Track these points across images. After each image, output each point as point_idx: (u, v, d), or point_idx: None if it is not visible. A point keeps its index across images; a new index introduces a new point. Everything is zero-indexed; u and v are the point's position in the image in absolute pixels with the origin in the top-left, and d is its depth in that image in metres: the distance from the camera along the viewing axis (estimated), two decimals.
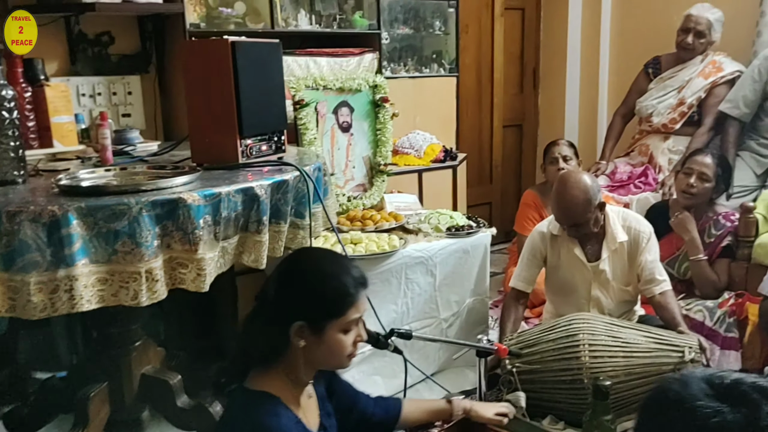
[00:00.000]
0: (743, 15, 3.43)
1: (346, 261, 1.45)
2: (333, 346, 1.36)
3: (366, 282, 1.39)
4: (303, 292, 1.34)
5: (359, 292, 1.37)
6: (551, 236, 2.42)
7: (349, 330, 1.37)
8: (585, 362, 2.06)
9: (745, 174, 3.14)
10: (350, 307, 1.35)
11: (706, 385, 0.80)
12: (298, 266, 1.40)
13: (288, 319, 1.33)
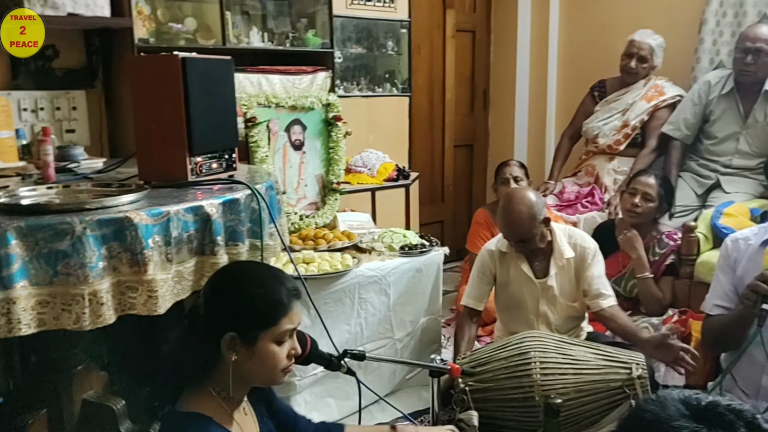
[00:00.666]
0: (683, 42, 3.58)
1: (279, 272, 1.43)
2: (266, 358, 1.33)
3: (299, 293, 1.38)
4: (234, 301, 1.32)
5: (292, 302, 1.35)
6: (500, 253, 2.46)
7: (283, 341, 1.35)
8: (536, 380, 2.08)
9: (686, 194, 3.25)
10: (283, 316, 1.33)
11: (682, 406, 0.81)
12: (229, 277, 1.38)
13: (219, 332, 1.30)
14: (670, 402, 0.82)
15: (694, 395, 0.83)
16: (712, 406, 0.80)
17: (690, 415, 0.80)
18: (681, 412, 0.80)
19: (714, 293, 2.02)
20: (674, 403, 0.81)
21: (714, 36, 3.49)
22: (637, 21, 3.69)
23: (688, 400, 0.82)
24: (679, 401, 0.82)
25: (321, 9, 3.13)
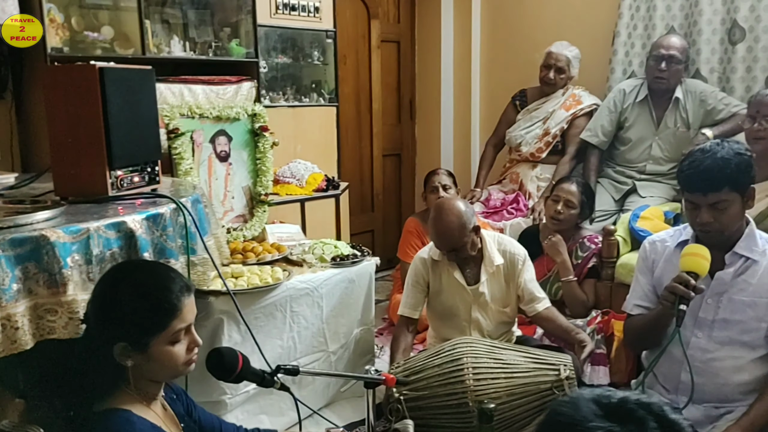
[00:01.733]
0: (598, 53, 3.73)
1: (165, 271, 1.39)
2: (163, 360, 1.32)
3: (191, 288, 1.36)
4: (118, 312, 1.28)
5: (182, 300, 1.33)
6: (432, 262, 2.48)
7: (178, 340, 1.33)
8: (469, 386, 2.10)
9: (605, 199, 3.38)
10: (173, 318, 1.31)
11: (595, 406, 0.82)
12: (112, 284, 1.33)
13: (109, 342, 1.29)
14: (583, 403, 0.82)
15: (605, 393, 0.84)
16: (622, 403, 0.82)
17: (603, 414, 0.80)
18: (594, 412, 0.81)
19: (634, 294, 2.10)
20: (587, 404, 0.82)
21: (626, 47, 3.66)
22: (554, 33, 3.83)
23: (600, 399, 0.83)
24: (591, 401, 0.82)
25: (244, 18, 3.08)
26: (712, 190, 1.82)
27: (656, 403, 0.81)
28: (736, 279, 1.89)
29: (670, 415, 0.80)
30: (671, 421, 0.79)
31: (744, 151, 1.86)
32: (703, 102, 3.24)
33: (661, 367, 1.99)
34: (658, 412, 0.80)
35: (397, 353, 2.43)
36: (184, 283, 1.36)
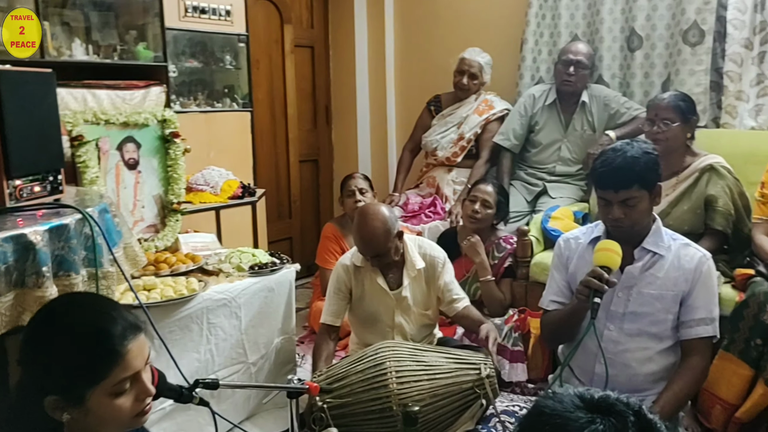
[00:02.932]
0: (508, 59, 3.85)
1: (108, 308, 1.19)
2: (105, 414, 1.13)
3: (139, 328, 1.18)
4: (47, 358, 1.11)
5: (126, 344, 1.14)
6: (354, 268, 2.47)
7: (122, 391, 1.14)
8: (393, 389, 2.10)
9: (518, 201, 3.48)
10: (114, 366, 1.12)
11: (578, 400, 0.87)
12: (44, 324, 1.15)
13: (39, 394, 1.11)
14: (567, 397, 0.88)
15: (588, 390, 0.90)
16: (604, 398, 0.87)
17: (585, 406, 0.86)
18: (577, 405, 0.86)
19: (550, 290, 2.16)
20: (570, 398, 0.88)
21: (534, 54, 3.79)
22: (466, 40, 3.91)
23: (583, 395, 0.88)
24: (574, 396, 0.88)
25: (152, 21, 2.96)
26: (623, 187, 1.90)
27: (634, 402, 0.87)
28: (644, 273, 1.99)
29: (647, 413, 0.86)
30: (648, 419, 0.85)
31: (651, 151, 1.96)
32: (606, 106, 3.41)
33: (576, 360, 2.06)
34: (636, 409, 0.86)
35: (319, 361, 2.40)
36: (130, 322, 1.17)
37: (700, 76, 3.26)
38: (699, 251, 2.00)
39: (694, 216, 2.70)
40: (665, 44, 3.41)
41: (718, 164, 2.71)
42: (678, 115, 2.72)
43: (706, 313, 1.96)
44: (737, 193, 2.67)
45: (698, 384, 2.03)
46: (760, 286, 2.35)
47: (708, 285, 1.98)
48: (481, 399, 2.17)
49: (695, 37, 3.26)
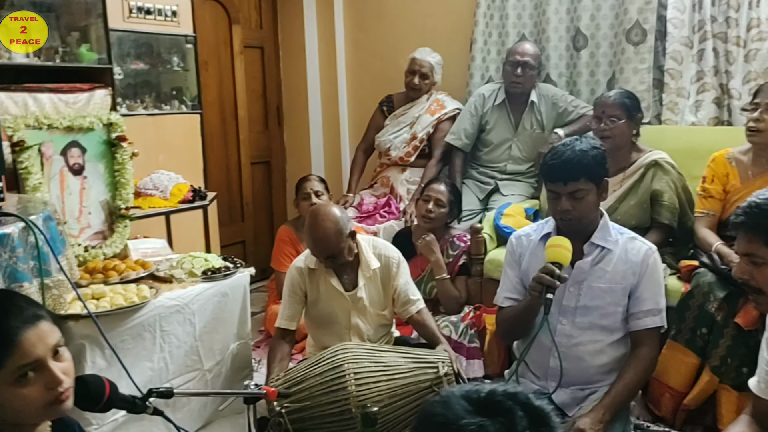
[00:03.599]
0: (458, 59, 3.88)
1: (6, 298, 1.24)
2: (14, 404, 1.16)
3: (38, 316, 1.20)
4: None
5: (21, 333, 1.15)
6: (309, 271, 2.45)
7: (26, 381, 1.16)
8: (352, 391, 2.09)
9: (470, 199, 3.52)
10: (9, 355, 1.14)
11: (465, 402, 0.85)
12: None
13: None
14: (454, 401, 0.85)
15: (474, 388, 0.88)
16: (490, 396, 0.85)
17: (473, 410, 0.84)
18: (465, 409, 0.84)
19: (504, 287, 2.19)
20: (457, 401, 0.85)
21: (483, 54, 3.83)
22: (417, 40, 3.93)
23: (470, 395, 0.86)
24: (461, 398, 0.86)
25: (95, 22, 2.88)
26: (572, 179, 1.95)
27: (522, 392, 0.86)
28: (594, 267, 2.03)
29: (535, 402, 0.85)
30: (536, 407, 0.84)
31: (599, 146, 2.02)
32: (555, 105, 3.47)
33: (531, 355, 2.09)
34: (524, 401, 0.84)
35: (275, 365, 2.37)
36: (32, 312, 1.19)
37: (643, 74, 3.36)
38: (645, 244, 2.06)
39: (640, 210, 2.78)
40: (609, 43, 3.50)
41: (662, 160, 2.80)
42: (624, 113, 2.80)
43: (654, 305, 2.02)
44: (681, 188, 2.76)
45: (648, 373, 2.09)
46: (703, 277, 2.43)
47: (654, 277, 2.04)
48: None
49: (638, 36, 3.36)
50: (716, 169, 2.64)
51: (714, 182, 2.63)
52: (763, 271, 1.46)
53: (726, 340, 2.32)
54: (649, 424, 2.47)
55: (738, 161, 2.61)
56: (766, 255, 1.44)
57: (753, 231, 1.47)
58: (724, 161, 2.63)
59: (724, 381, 2.32)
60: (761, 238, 1.44)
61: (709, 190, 2.64)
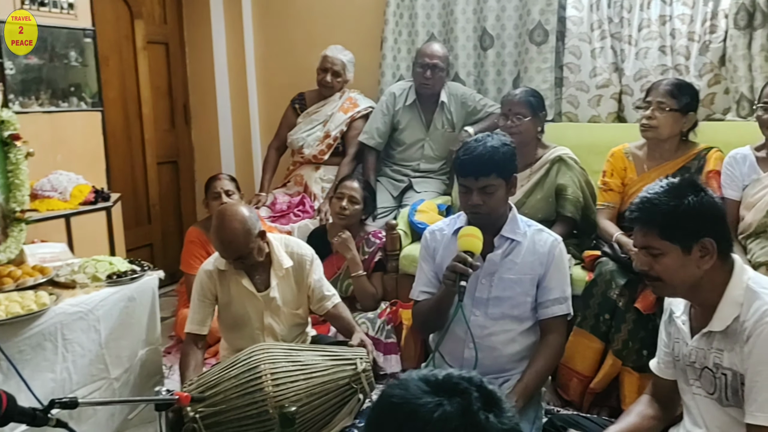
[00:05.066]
0: (369, 57, 3.90)
1: None
2: None
3: None
4: None
5: None
6: (219, 272, 2.39)
7: None
8: (269, 392, 2.06)
9: (384, 196, 3.55)
10: None
11: (423, 384, 0.88)
12: None
13: None
14: (412, 383, 0.89)
15: (432, 372, 0.91)
16: (447, 378, 0.89)
17: (431, 390, 0.87)
18: (423, 390, 0.87)
19: (419, 281, 2.22)
20: (415, 383, 0.89)
21: (394, 52, 3.87)
22: (328, 37, 3.92)
23: (427, 378, 0.90)
24: (419, 380, 0.89)
25: None
26: (483, 174, 2.00)
27: (476, 376, 0.90)
28: (504, 259, 2.10)
29: (488, 386, 0.89)
30: (490, 390, 0.89)
31: (509, 143, 2.09)
32: (464, 104, 3.55)
33: (446, 347, 2.13)
34: (478, 384, 0.89)
35: (187, 371, 2.30)
36: None
37: (546, 73, 3.50)
38: (551, 236, 2.15)
39: (546, 204, 2.89)
40: (514, 43, 3.62)
41: (566, 156, 2.92)
42: (529, 110, 2.90)
43: (560, 293, 2.11)
44: (584, 182, 2.90)
45: (557, 360, 2.18)
46: (605, 266, 2.56)
47: (560, 267, 2.12)
48: (359, 393, 2.18)
49: (540, 37, 3.50)
50: (615, 164, 2.79)
51: (613, 176, 2.78)
52: (661, 261, 1.54)
53: (627, 325, 2.45)
54: (559, 409, 2.58)
55: (634, 155, 2.77)
56: (662, 246, 1.53)
57: (647, 225, 1.55)
58: (622, 156, 2.79)
59: (627, 363, 2.45)
60: (655, 232, 1.53)
61: (609, 184, 2.78)
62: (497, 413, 0.86)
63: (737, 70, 3.12)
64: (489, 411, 0.86)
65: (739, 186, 2.53)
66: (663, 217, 1.52)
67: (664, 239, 1.52)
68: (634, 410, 1.79)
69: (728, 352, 1.53)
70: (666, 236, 1.52)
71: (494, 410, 0.86)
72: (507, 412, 0.87)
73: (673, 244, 1.52)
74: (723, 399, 1.56)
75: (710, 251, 1.51)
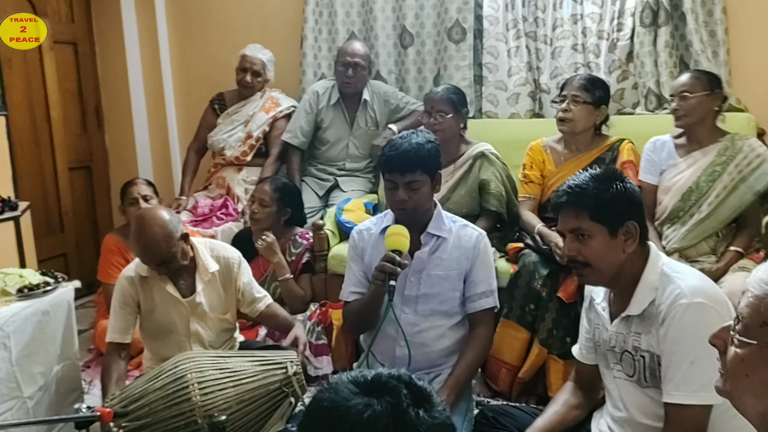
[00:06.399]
0: (289, 56, 3.85)
1: None
2: None
3: None
4: None
5: None
6: (141, 278, 2.30)
7: None
8: (197, 402, 1.99)
9: (311, 197, 3.51)
10: None
11: (353, 386, 0.88)
12: None
13: None
14: (342, 385, 0.89)
15: (361, 373, 0.91)
16: (377, 378, 0.90)
17: (360, 392, 0.88)
18: (353, 392, 0.88)
19: (349, 281, 2.21)
20: (345, 386, 0.89)
21: (314, 51, 3.84)
22: (245, 36, 3.84)
23: (357, 379, 0.90)
24: (349, 382, 0.89)
25: None
26: (408, 170, 2.02)
27: (404, 374, 0.91)
28: (431, 256, 2.12)
29: (417, 382, 0.91)
30: (419, 387, 0.90)
31: (434, 140, 2.12)
32: (387, 102, 3.56)
33: (377, 346, 2.13)
34: (407, 381, 0.90)
35: (109, 384, 2.19)
36: None
37: (465, 70, 3.56)
38: (476, 231, 2.18)
39: (470, 199, 2.94)
40: (433, 41, 3.66)
41: (488, 151, 2.98)
42: (451, 108, 2.94)
43: (487, 287, 2.14)
44: (506, 177, 2.96)
45: (485, 351, 2.22)
46: (529, 257, 2.63)
47: (486, 260, 2.16)
48: (290, 397, 2.14)
49: (458, 35, 3.55)
50: (534, 157, 2.88)
51: (533, 168, 2.87)
52: (589, 245, 1.61)
53: (551, 314, 2.53)
54: (489, 400, 2.63)
55: (552, 149, 2.86)
56: (591, 228, 1.60)
57: (578, 207, 1.61)
58: (540, 149, 2.88)
59: (552, 351, 2.53)
60: (586, 213, 1.60)
61: (529, 176, 2.87)
62: (427, 408, 0.87)
63: (644, 66, 3.28)
64: (419, 407, 0.86)
65: (657, 171, 2.68)
66: (593, 199, 1.59)
67: (594, 221, 1.59)
68: (560, 399, 1.85)
69: (645, 335, 1.60)
70: (595, 218, 1.59)
71: (424, 406, 0.87)
72: (437, 407, 0.88)
73: (602, 225, 1.59)
74: (642, 380, 1.62)
75: (633, 234, 1.60)
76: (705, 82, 2.58)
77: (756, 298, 1.00)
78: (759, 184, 2.50)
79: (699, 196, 2.55)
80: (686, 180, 2.59)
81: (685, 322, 1.51)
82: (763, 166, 2.50)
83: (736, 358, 1.02)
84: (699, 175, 2.56)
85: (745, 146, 2.54)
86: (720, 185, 2.53)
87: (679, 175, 2.61)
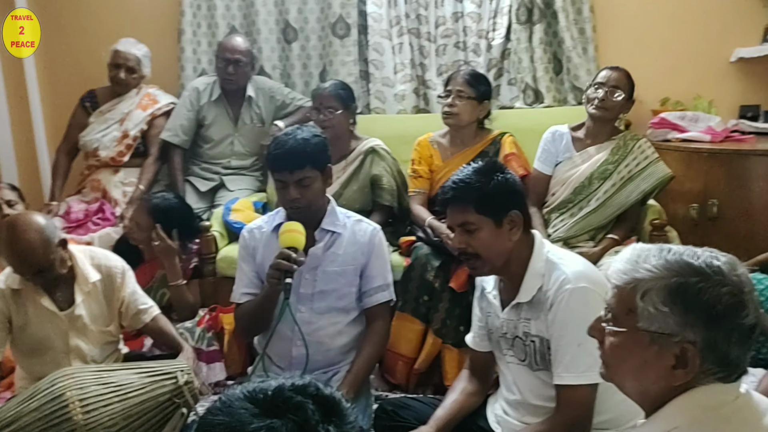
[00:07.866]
0: (166, 50, 3.67)
1: None
2: None
3: None
4: None
5: None
6: (12, 292, 2.12)
7: None
8: (78, 421, 1.87)
9: (195, 197, 3.37)
10: None
11: (251, 405, 0.77)
12: None
13: None
14: (237, 404, 0.78)
15: (258, 387, 0.81)
16: (278, 394, 0.80)
17: (260, 412, 0.77)
18: (251, 412, 0.77)
19: (240, 283, 2.14)
20: (241, 404, 0.78)
21: (193, 45, 3.69)
22: (117, 30, 3.61)
23: (254, 396, 0.79)
24: (245, 400, 0.79)
25: None
26: (297, 167, 1.98)
27: (311, 383, 0.82)
28: (326, 252, 2.09)
29: (325, 391, 0.82)
30: (327, 397, 0.81)
31: (320, 134, 2.09)
32: (272, 98, 3.48)
33: (273, 347, 2.09)
34: (313, 393, 0.81)
35: None
36: None
37: (351, 66, 3.56)
38: (370, 225, 2.18)
39: (362, 194, 2.94)
40: (318, 37, 3.63)
41: (378, 147, 3.00)
42: (340, 103, 2.93)
43: (382, 281, 2.15)
44: (396, 171, 2.99)
45: (383, 346, 2.23)
46: (421, 250, 2.68)
47: (381, 255, 2.17)
48: (182, 408, 2.05)
49: (342, 30, 3.54)
50: (421, 152, 2.93)
51: (421, 163, 2.92)
52: (477, 236, 1.66)
53: (444, 304, 2.58)
54: (387, 394, 2.64)
55: (439, 143, 2.93)
56: (477, 221, 1.65)
57: (464, 202, 1.66)
58: (428, 144, 2.93)
59: (446, 341, 2.59)
60: (472, 206, 1.65)
61: (418, 171, 2.91)
62: (338, 423, 0.79)
63: (521, 62, 3.43)
64: (329, 423, 0.78)
65: (552, 161, 2.81)
66: (477, 192, 1.65)
67: (479, 214, 1.65)
68: (457, 387, 1.90)
69: (535, 321, 1.67)
70: (481, 211, 1.65)
71: (334, 420, 0.79)
72: (348, 418, 0.81)
73: (487, 217, 1.65)
74: (533, 364, 1.69)
75: (517, 223, 1.67)
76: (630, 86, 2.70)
77: (618, 288, 1.07)
78: (645, 184, 2.68)
79: (589, 191, 2.70)
80: (579, 175, 2.72)
81: (571, 306, 1.59)
82: (650, 167, 2.68)
83: (611, 346, 1.09)
84: (592, 172, 2.70)
85: (636, 147, 2.70)
86: (609, 183, 2.68)
87: (573, 169, 2.75)
